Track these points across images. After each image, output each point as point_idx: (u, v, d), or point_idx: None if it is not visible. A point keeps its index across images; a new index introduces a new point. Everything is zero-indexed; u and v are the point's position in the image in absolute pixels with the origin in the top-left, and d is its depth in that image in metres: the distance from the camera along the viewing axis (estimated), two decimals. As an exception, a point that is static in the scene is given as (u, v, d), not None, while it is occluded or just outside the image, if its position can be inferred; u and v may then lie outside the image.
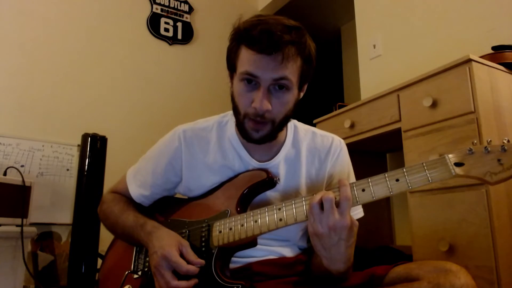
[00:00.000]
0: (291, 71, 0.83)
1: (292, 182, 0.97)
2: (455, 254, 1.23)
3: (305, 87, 0.93)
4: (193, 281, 0.81)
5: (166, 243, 0.85)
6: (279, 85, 0.84)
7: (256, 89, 0.84)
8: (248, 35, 0.82)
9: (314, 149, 1.00)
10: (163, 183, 1.02)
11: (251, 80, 0.84)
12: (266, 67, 0.81)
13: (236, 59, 0.87)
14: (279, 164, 0.97)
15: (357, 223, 0.76)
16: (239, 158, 0.97)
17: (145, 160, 1.07)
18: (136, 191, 1.03)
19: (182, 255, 0.83)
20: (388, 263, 0.85)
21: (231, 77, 0.91)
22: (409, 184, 0.73)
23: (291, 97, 0.87)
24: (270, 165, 0.96)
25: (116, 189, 1.09)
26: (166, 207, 1.03)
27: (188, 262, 0.82)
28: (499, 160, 0.69)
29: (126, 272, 0.93)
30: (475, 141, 0.73)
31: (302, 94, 0.94)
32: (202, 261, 0.83)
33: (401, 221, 2.05)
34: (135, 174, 1.06)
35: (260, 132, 0.87)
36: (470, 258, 1.18)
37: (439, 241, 1.26)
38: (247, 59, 0.83)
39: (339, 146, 1.02)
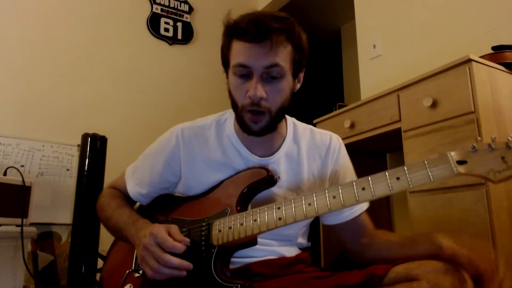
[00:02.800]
0: (282, 57, 0.84)
1: (294, 178, 0.97)
2: (455, 254, 1.23)
3: (301, 76, 0.94)
4: (186, 263, 0.79)
5: (154, 227, 0.84)
6: (272, 76, 0.85)
7: (249, 79, 0.85)
8: (237, 28, 0.85)
9: (313, 146, 1.01)
10: (160, 182, 1.02)
11: (244, 72, 0.85)
12: (257, 55, 0.83)
13: (229, 54, 0.89)
14: (280, 159, 0.97)
15: None
16: (239, 155, 0.96)
17: (143, 158, 1.07)
18: (134, 189, 1.03)
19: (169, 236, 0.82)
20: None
21: (227, 73, 0.92)
22: (410, 183, 0.71)
23: (285, 84, 0.87)
24: (271, 160, 0.96)
25: (115, 185, 1.09)
26: (166, 206, 1.03)
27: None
28: (503, 157, 0.66)
29: (127, 271, 0.93)
30: (479, 138, 0.71)
31: (299, 85, 0.95)
32: (188, 239, 0.82)
33: (401, 221, 2.05)
34: (133, 171, 1.06)
35: (259, 124, 0.88)
36: (470, 258, 1.18)
37: (439, 241, 1.26)
38: (237, 50, 0.85)
39: (338, 143, 1.03)
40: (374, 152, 2.08)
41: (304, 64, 0.92)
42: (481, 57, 1.34)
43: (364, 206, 1.00)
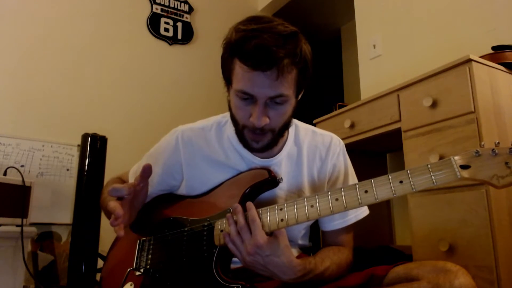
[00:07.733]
0: (287, 86, 0.81)
1: (295, 180, 0.97)
2: (455, 254, 1.23)
3: (302, 92, 0.93)
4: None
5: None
6: (276, 102, 0.83)
7: (253, 104, 0.83)
8: (242, 50, 0.79)
9: (314, 148, 1.01)
10: (158, 183, 1.02)
11: (247, 97, 0.82)
12: (262, 84, 0.79)
13: (231, 73, 0.84)
14: (281, 161, 0.97)
15: (283, 232, 0.80)
16: (241, 157, 0.97)
17: (146, 158, 1.08)
18: None
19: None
20: (388, 263, 0.85)
21: (227, 87, 0.90)
22: (413, 186, 0.71)
23: (288, 107, 0.86)
24: (272, 162, 0.96)
25: (121, 176, 1.15)
26: (168, 205, 1.04)
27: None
28: (506, 163, 0.66)
29: (128, 269, 0.93)
30: (483, 143, 0.70)
31: (299, 97, 0.94)
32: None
33: (401, 221, 2.05)
34: (136, 171, 1.07)
35: (260, 143, 0.88)
36: (470, 258, 1.18)
37: (439, 241, 1.26)
38: (242, 75, 0.81)
39: (338, 145, 1.03)
40: (374, 152, 2.08)
41: (308, 83, 0.89)
42: (481, 57, 1.34)
43: (350, 221, 0.99)
